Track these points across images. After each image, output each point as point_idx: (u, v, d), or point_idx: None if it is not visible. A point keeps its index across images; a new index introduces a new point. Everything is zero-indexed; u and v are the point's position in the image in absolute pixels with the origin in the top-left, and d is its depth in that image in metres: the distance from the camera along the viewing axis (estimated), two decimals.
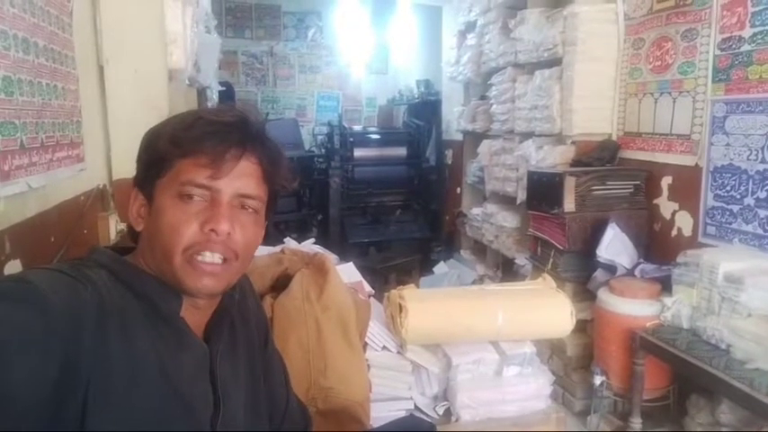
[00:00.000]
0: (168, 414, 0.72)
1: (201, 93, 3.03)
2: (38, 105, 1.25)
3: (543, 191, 2.97)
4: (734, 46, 2.34)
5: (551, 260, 2.93)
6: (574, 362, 2.85)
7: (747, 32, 2.28)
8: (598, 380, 2.46)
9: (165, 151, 0.77)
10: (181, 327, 0.78)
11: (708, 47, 2.48)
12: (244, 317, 0.93)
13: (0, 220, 1.07)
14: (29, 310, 0.63)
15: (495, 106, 4.07)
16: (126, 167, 0.85)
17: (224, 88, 3.93)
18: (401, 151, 5.58)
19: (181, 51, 2.05)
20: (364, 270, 2.13)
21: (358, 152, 5.40)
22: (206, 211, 0.76)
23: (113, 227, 1.67)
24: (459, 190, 5.28)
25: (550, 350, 2.94)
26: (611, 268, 2.63)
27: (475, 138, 4.63)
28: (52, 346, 0.63)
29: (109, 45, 1.78)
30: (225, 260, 0.78)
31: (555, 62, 3.25)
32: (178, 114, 0.84)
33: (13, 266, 1.09)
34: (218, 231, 0.75)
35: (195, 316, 0.82)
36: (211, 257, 0.76)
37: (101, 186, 1.73)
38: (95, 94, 1.77)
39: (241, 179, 0.78)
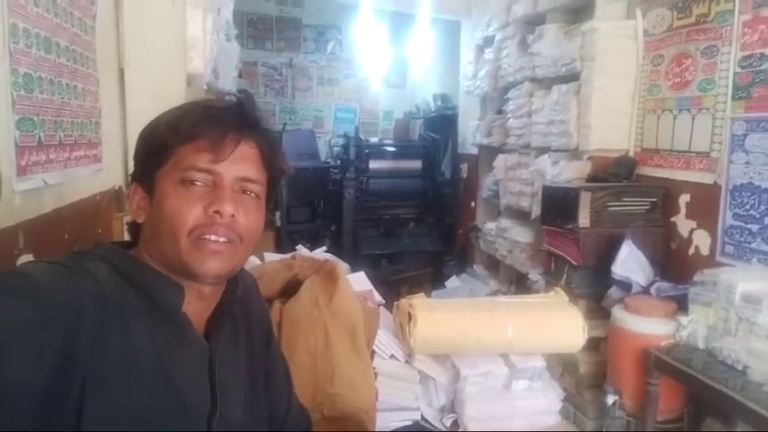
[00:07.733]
0: (163, 408, 0.72)
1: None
2: (57, 104, 1.27)
3: (558, 206, 2.94)
4: (755, 63, 2.32)
5: (565, 276, 2.89)
6: (586, 380, 2.80)
7: None
8: (611, 399, 2.41)
9: (165, 138, 0.78)
10: (181, 321, 0.78)
11: (728, 64, 2.45)
12: (246, 314, 0.93)
13: (15, 214, 1.08)
14: (28, 303, 0.63)
15: (511, 121, 4.07)
16: None
17: (242, 96, 3.97)
18: (416, 164, 5.57)
19: (200, 57, 2.08)
20: (376, 282, 2.11)
21: (373, 164, 5.40)
22: (209, 195, 0.77)
23: None
24: (473, 204, 5.26)
25: (562, 367, 2.89)
26: (626, 286, 2.59)
27: (490, 152, 4.62)
28: (50, 339, 0.63)
29: (130, 49, 1.81)
30: (230, 241, 0.78)
31: (573, 77, 3.24)
32: (172, 108, 0.84)
33: (26, 260, 1.09)
34: (223, 213, 0.76)
35: (197, 308, 0.82)
36: (216, 238, 0.77)
37: (117, 187, 1.76)
38: (115, 96, 1.80)
39: (242, 163, 0.79)
